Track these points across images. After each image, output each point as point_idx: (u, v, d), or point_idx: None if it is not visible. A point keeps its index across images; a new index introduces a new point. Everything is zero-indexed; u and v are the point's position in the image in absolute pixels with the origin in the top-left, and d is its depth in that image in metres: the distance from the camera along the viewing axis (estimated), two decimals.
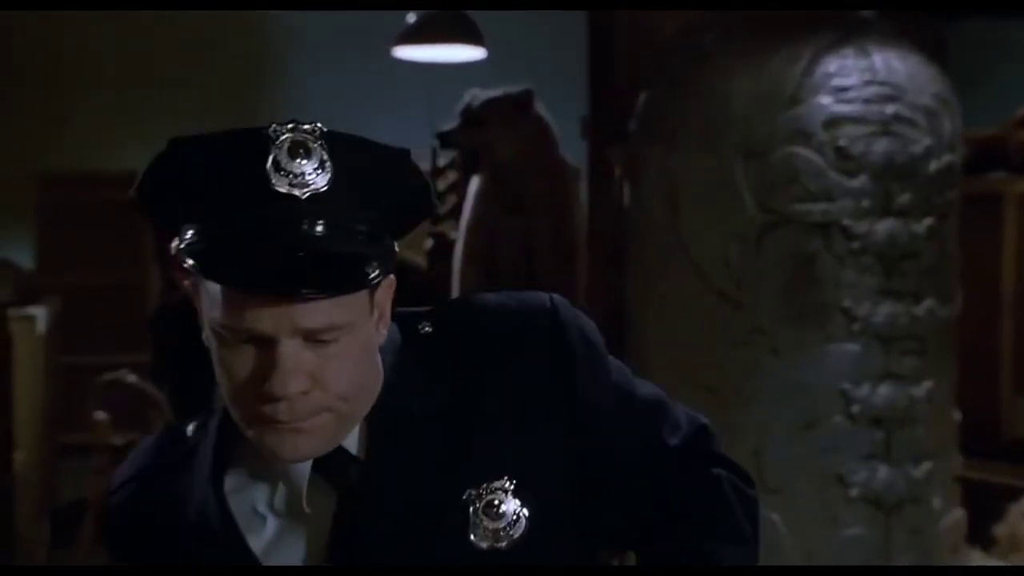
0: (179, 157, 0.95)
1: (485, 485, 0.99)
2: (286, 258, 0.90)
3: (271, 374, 0.93)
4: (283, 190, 0.91)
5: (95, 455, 3.92)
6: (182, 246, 0.94)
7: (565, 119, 3.84)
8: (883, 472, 2.59)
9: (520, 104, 3.84)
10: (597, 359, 1.07)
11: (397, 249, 0.99)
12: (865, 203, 2.57)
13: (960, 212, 2.77)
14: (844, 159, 2.56)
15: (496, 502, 0.99)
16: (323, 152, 0.92)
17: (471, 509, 0.99)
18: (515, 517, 0.99)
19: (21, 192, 5.56)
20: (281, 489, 1.02)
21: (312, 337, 0.93)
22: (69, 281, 5.06)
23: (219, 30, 5.87)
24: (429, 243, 4.39)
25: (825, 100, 2.56)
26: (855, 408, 2.57)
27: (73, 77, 5.96)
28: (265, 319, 0.91)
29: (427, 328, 1.05)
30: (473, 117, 3.78)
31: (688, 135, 2.68)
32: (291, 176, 0.91)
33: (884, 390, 2.58)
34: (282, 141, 0.92)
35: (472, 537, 0.99)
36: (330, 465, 1.00)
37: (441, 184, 4.37)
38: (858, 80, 2.58)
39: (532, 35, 5.62)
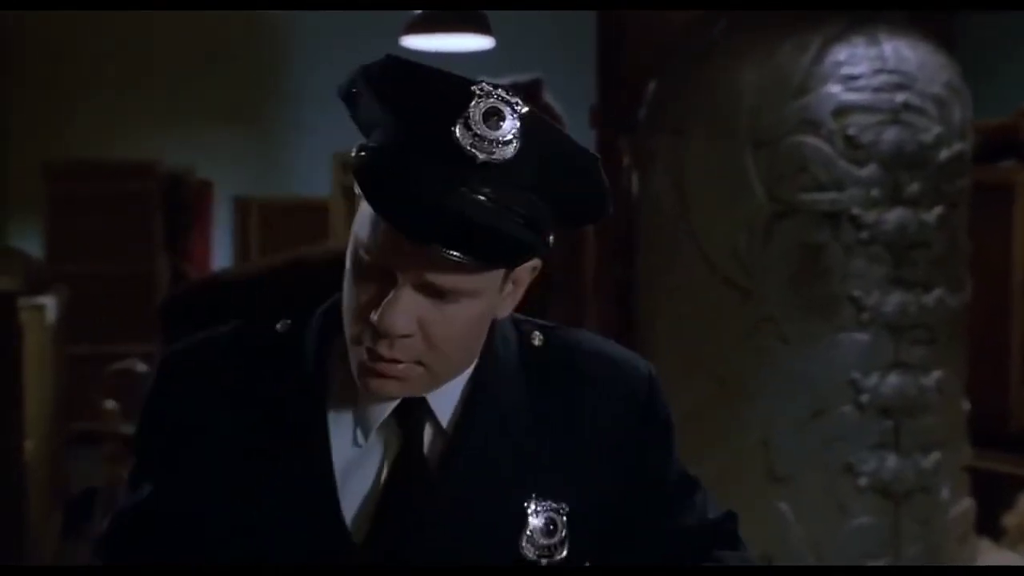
0: (386, 71, 0.96)
1: (549, 502, 1.03)
2: (437, 212, 0.91)
3: (384, 308, 0.94)
4: (464, 146, 0.91)
5: (105, 444, 3.94)
6: (358, 154, 0.96)
7: (574, 108, 3.83)
8: (892, 462, 2.59)
9: (529, 93, 3.84)
10: (671, 437, 1.13)
11: (551, 240, 0.99)
12: (874, 192, 2.56)
13: (970, 201, 2.76)
14: (853, 148, 2.55)
15: (554, 520, 1.03)
16: (516, 127, 0.92)
17: (530, 518, 1.02)
18: (563, 539, 1.03)
19: (30, 182, 5.57)
20: (358, 418, 1.04)
21: (434, 292, 0.95)
22: (78, 271, 5.07)
23: (226, 19, 5.87)
24: None
25: (834, 89, 2.56)
26: (864, 398, 2.57)
27: (82, 67, 5.97)
28: (398, 258, 0.93)
29: (539, 340, 1.09)
30: None
31: (697, 125, 2.67)
32: (476, 138, 0.91)
33: (893, 380, 2.58)
34: (482, 101, 0.92)
35: (522, 544, 1.02)
36: (411, 419, 1.03)
37: None
38: (868, 68, 2.57)
39: (541, 24, 5.61)
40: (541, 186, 0.95)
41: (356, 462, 1.03)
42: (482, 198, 0.92)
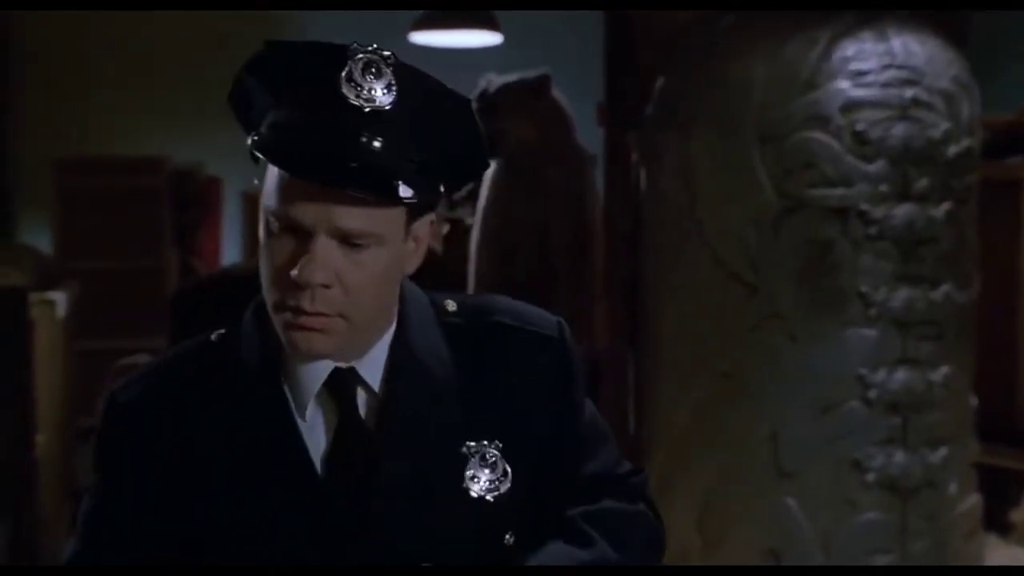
0: (269, 55, 1.06)
1: (483, 442, 1.11)
2: (339, 156, 1.01)
3: (300, 262, 1.02)
4: (351, 99, 1.01)
5: None
6: (257, 137, 1.05)
7: (581, 104, 3.83)
8: (899, 457, 2.59)
9: (536, 89, 3.84)
10: (582, 387, 1.21)
11: (443, 191, 1.09)
12: (883, 188, 2.56)
13: (978, 197, 2.76)
14: (862, 144, 2.55)
15: (491, 456, 1.11)
16: (391, 76, 1.03)
17: (469, 458, 1.11)
18: (503, 473, 1.11)
19: (40, 177, 5.59)
20: (293, 395, 1.10)
21: (346, 239, 1.03)
22: (88, 266, 5.08)
23: (235, 14, 5.88)
24: (445, 228, 4.40)
25: (843, 84, 2.55)
26: (872, 393, 2.57)
27: (90, 64, 5.98)
28: (308, 211, 1.02)
29: (453, 307, 1.17)
30: (489, 103, 3.78)
31: (705, 121, 2.68)
32: (359, 89, 1.02)
33: (901, 375, 2.58)
34: (358, 58, 1.02)
35: (466, 483, 1.10)
36: (341, 385, 1.09)
37: None
38: (876, 64, 2.57)
39: (548, 20, 5.61)
40: (423, 130, 1.04)
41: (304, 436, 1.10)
42: (375, 143, 1.02)
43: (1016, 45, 4.47)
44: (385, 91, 1.02)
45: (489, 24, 4.12)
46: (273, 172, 1.04)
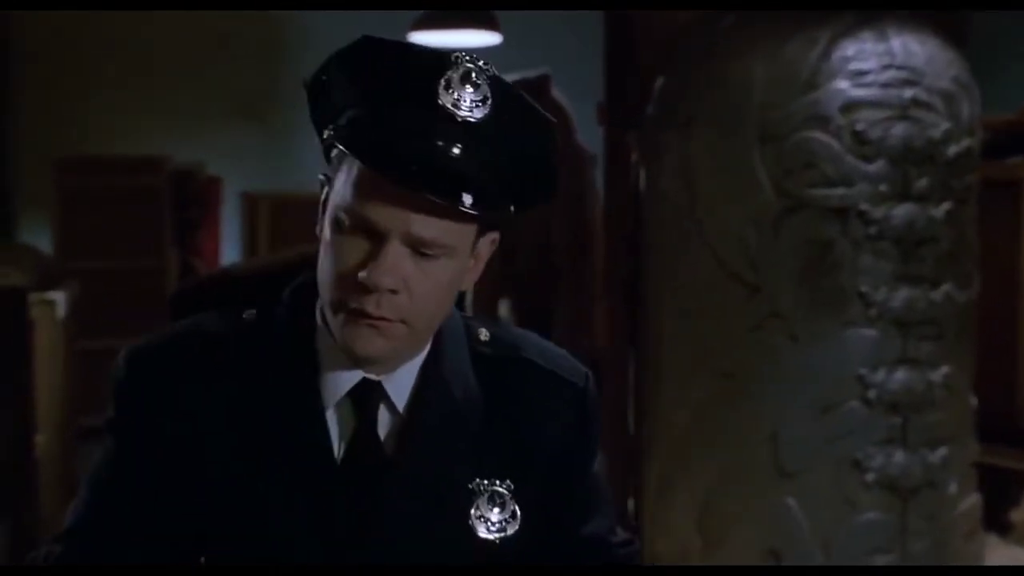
0: (367, 51, 1.04)
1: (494, 480, 1.10)
2: (425, 161, 0.99)
3: (371, 265, 1.01)
4: (446, 107, 1.01)
5: None
6: (337, 126, 1.04)
7: (581, 104, 3.83)
8: (899, 457, 2.59)
9: (536, 89, 3.84)
10: (597, 441, 1.20)
11: (512, 211, 1.07)
12: (883, 188, 2.56)
13: (978, 197, 2.76)
14: (862, 144, 2.55)
15: (499, 498, 1.10)
16: (488, 89, 1.02)
17: (477, 496, 1.09)
18: (511, 516, 1.10)
19: (40, 177, 5.59)
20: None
21: (418, 247, 1.02)
22: (88, 266, 5.08)
23: (235, 15, 5.88)
24: None
25: (842, 84, 2.56)
26: (872, 393, 2.57)
27: (91, 64, 5.98)
28: (385, 213, 1.00)
29: (486, 336, 1.16)
30: None
31: (705, 120, 2.68)
32: (457, 97, 1.01)
33: (901, 375, 2.58)
34: (459, 66, 1.01)
35: (471, 520, 1.09)
36: (365, 397, 1.08)
37: None
38: (876, 64, 2.57)
39: (548, 21, 5.61)
40: (508, 147, 1.04)
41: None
42: (462, 153, 1.01)
43: (1016, 45, 4.47)
44: (480, 103, 1.01)
45: (489, 24, 4.12)
46: (351, 169, 1.02)
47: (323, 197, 1.07)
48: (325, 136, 1.06)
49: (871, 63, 2.57)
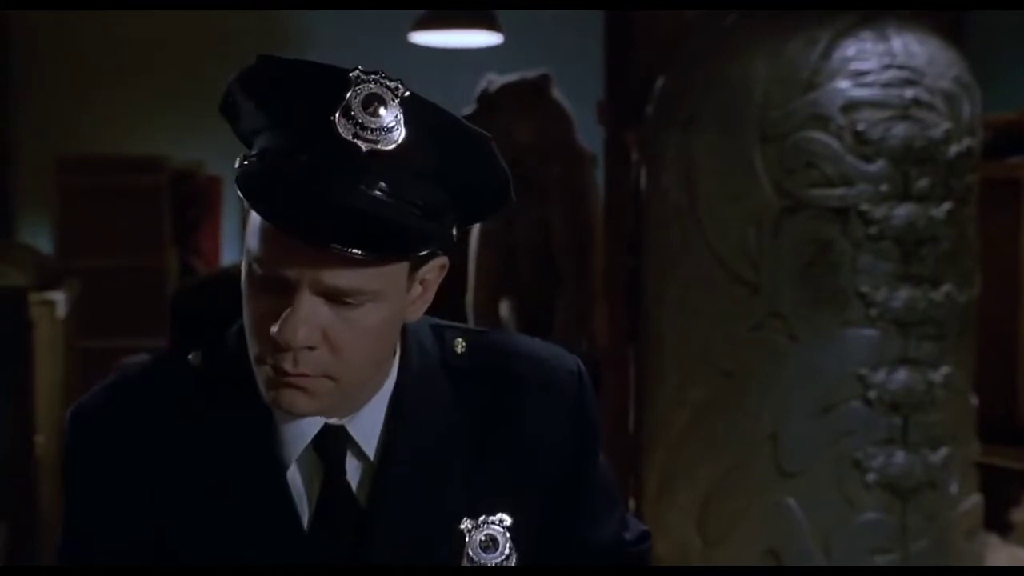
0: (261, 73, 0.92)
1: (484, 518, 0.99)
2: (326, 208, 0.86)
3: (283, 321, 0.89)
4: (347, 137, 0.86)
5: None
6: (241, 164, 0.92)
7: (582, 104, 3.83)
8: (900, 457, 2.59)
9: (537, 89, 3.84)
10: (598, 441, 1.10)
11: (455, 233, 0.95)
12: (883, 188, 2.56)
13: (979, 197, 2.76)
14: (862, 144, 2.55)
15: (493, 537, 0.99)
16: (399, 112, 0.87)
17: (467, 539, 0.99)
18: (507, 554, 0.99)
19: (40, 176, 5.59)
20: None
21: (335, 297, 0.90)
22: (88, 265, 5.08)
23: (235, 18, 5.87)
24: None
25: (843, 84, 2.55)
26: (872, 393, 2.57)
27: (91, 62, 5.98)
28: (291, 264, 0.88)
29: (462, 348, 1.03)
30: (490, 102, 3.78)
31: (705, 120, 2.67)
32: (358, 126, 0.86)
33: (901, 375, 2.58)
34: (360, 88, 0.87)
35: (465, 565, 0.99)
36: (329, 446, 0.98)
37: None
38: (876, 64, 2.57)
39: (548, 20, 5.61)
40: (437, 173, 0.90)
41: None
42: (374, 191, 0.87)
43: (1017, 44, 4.47)
44: (388, 131, 0.87)
45: (489, 24, 4.12)
46: (254, 213, 0.90)
47: (245, 222, 0.97)
48: (236, 164, 0.94)
49: (872, 63, 2.57)
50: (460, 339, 1.04)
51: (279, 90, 0.90)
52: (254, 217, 0.90)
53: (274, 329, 0.89)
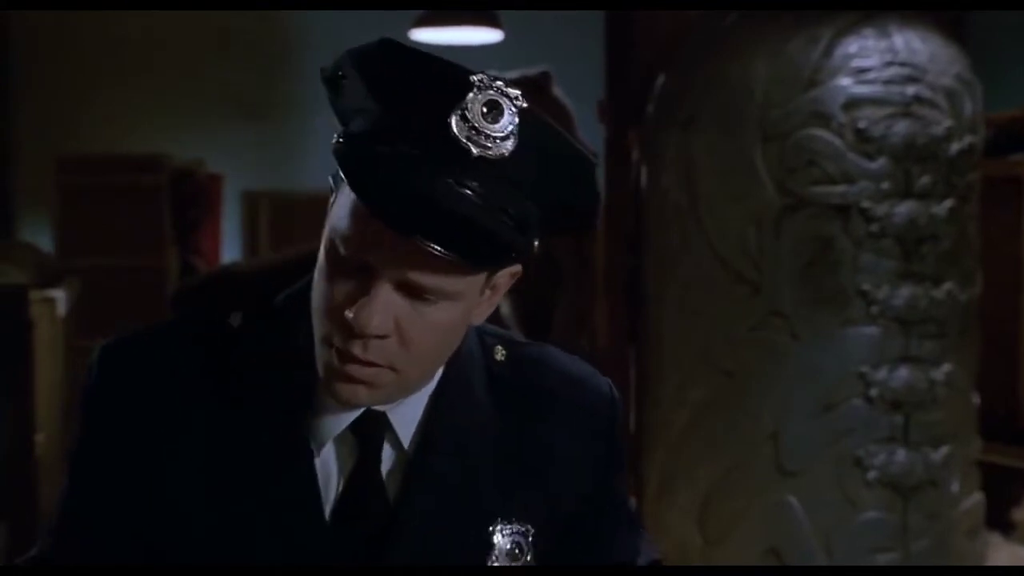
0: (383, 56, 0.90)
1: (512, 527, 1.00)
2: (424, 202, 0.86)
3: (360, 306, 0.89)
4: (460, 138, 0.86)
5: None
6: (340, 139, 0.92)
7: (582, 102, 3.83)
8: (901, 455, 2.59)
9: (537, 86, 3.83)
10: (622, 468, 1.11)
11: (537, 245, 0.94)
12: (885, 185, 2.55)
13: (980, 195, 2.75)
14: (864, 141, 2.55)
15: (520, 543, 1.00)
16: (514, 123, 0.87)
17: (495, 543, 0.99)
18: (528, 563, 1.00)
19: (41, 175, 5.59)
20: (313, 428, 0.98)
21: (414, 292, 0.90)
22: (89, 264, 5.08)
23: (236, 16, 5.87)
24: None
25: (845, 82, 2.55)
26: (873, 391, 2.56)
27: (91, 61, 5.98)
28: (379, 252, 0.88)
29: (501, 355, 1.04)
30: None
31: (706, 118, 2.67)
32: (473, 130, 0.86)
33: (903, 373, 2.58)
34: (481, 93, 0.87)
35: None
36: (368, 432, 0.97)
37: None
38: (878, 61, 2.56)
39: (549, 18, 5.60)
40: (535, 188, 0.90)
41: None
42: (472, 194, 0.87)
43: (1019, 42, 4.46)
44: (502, 140, 0.86)
45: (490, 21, 4.12)
46: (349, 192, 0.89)
47: (331, 200, 0.95)
48: (332, 143, 0.92)
49: (873, 60, 2.56)
50: (500, 346, 1.05)
51: (397, 77, 0.89)
52: (346, 196, 0.90)
53: (349, 314, 0.89)
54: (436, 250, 0.86)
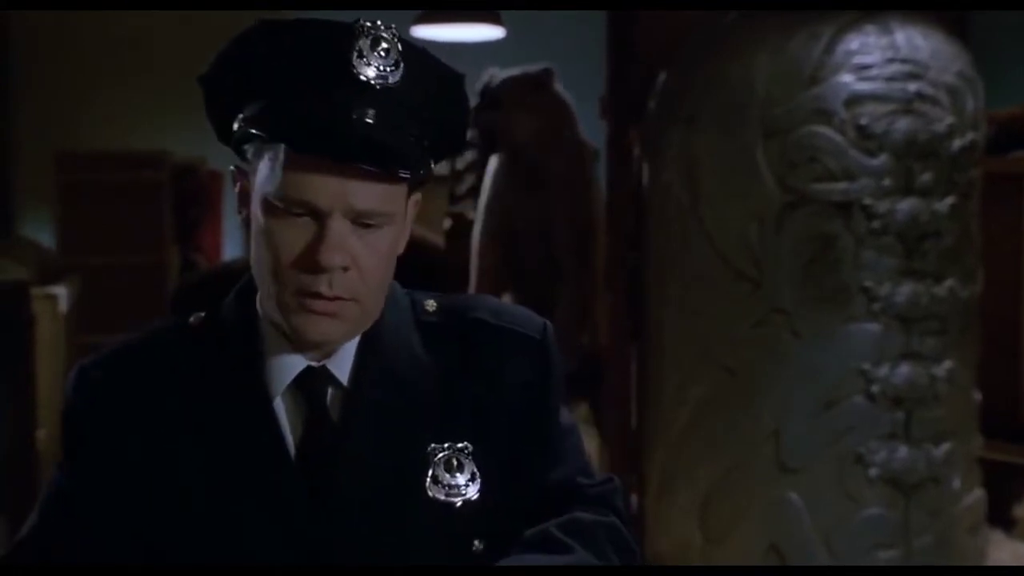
0: (265, 34, 1.04)
1: (450, 444, 1.08)
2: (353, 133, 0.99)
3: (319, 247, 1.00)
4: (363, 76, 1.00)
5: None
6: (249, 115, 1.03)
7: (584, 99, 3.82)
8: (903, 452, 2.59)
9: (539, 83, 3.83)
10: (561, 391, 1.17)
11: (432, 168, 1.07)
12: (886, 182, 2.55)
13: (982, 192, 2.75)
14: (865, 138, 2.54)
15: (456, 461, 1.08)
16: (398, 54, 1.02)
17: (433, 461, 1.07)
18: (471, 478, 1.07)
19: (42, 172, 5.59)
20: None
21: (359, 219, 1.02)
22: (90, 261, 5.09)
23: (235, 18, 5.88)
24: (448, 223, 4.40)
25: (846, 78, 2.55)
26: (875, 388, 2.56)
27: (92, 58, 5.98)
28: (323, 193, 1.00)
29: (432, 307, 1.14)
30: (492, 97, 3.77)
31: (708, 115, 2.67)
32: (371, 66, 1.00)
33: (904, 370, 2.58)
34: (367, 34, 1.01)
35: (428, 487, 1.07)
36: (312, 382, 1.07)
37: (460, 164, 4.38)
38: (880, 58, 2.56)
39: (551, 15, 5.60)
40: (423, 106, 1.04)
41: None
42: (387, 119, 1.01)
43: (1020, 39, 4.46)
44: (393, 68, 1.01)
45: (491, 18, 4.11)
46: (277, 155, 1.01)
47: (237, 189, 1.07)
48: (235, 128, 1.04)
49: (875, 57, 2.56)
50: (431, 300, 1.15)
51: (285, 48, 1.02)
52: (274, 158, 1.01)
53: (313, 257, 1.00)
54: (369, 167, 0.99)
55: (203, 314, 1.12)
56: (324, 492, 1.05)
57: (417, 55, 1.03)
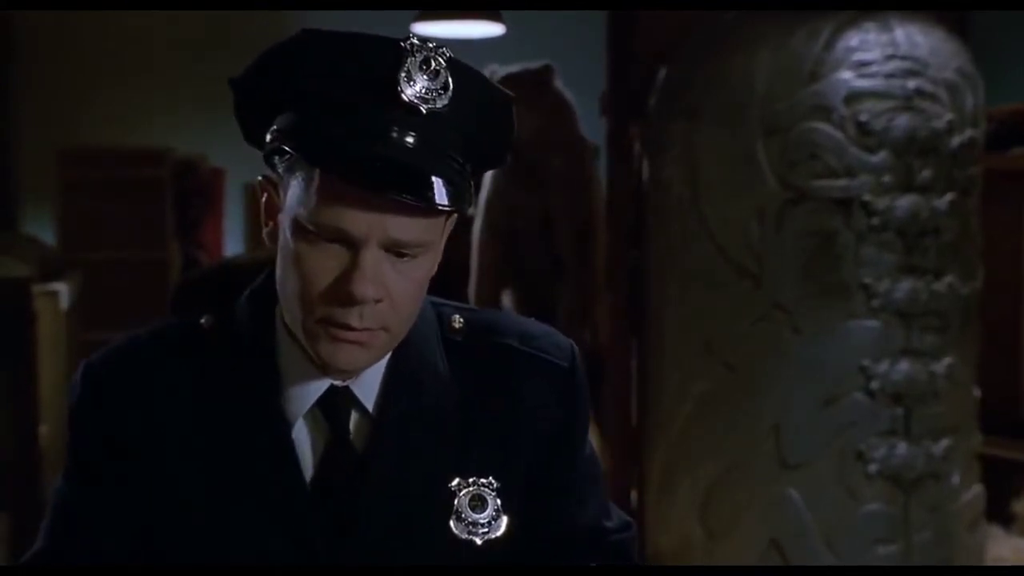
0: (309, 44, 0.96)
1: (474, 479, 1.04)
2: (395, 162, 0.93)
3: (352, 277, 0.94)
4: (408, 99, 0.93)
5: None
6: (282, 128, 0.96)
7: (584, 96, 3.82)
8: (902, 449, 2.59)
9: (539, 80, 3.83)
10: (587, 419, 1.13)
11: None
12: (886, 179, 2.55)
13: (982, 189, 2.75)
14: (865, 135, 2.55)
15: (482, 497, 1.03)
16: (448, 76, 0.95)
17: (456, 496, 1.03)
18: (495, 515, 1.03)
19: (43, 169, 5.59)
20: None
21: (395, 249, 0.96)
22: (91, 257, 5.09)
23: (235, 17, 5.87)
24: None
25: (846, 75, 2.55)
26: (875, 384, 2.57)
27: (93, 54, 5.98)
28: (359, 222, 0.93)
29: (459, 323, 1.09)
30: None
31: (708, 111, 2.67)
32: (419, 88, 0.94)
33: (904, 367, 2.58)
34: (416, 54, 0.94)
35: (452, 524, 1.03)
36: (335, 405, 1.03)
37: None
38: (880, 54, 2.56)
39: (551, 11, 5.60)
40: (470, 131, 0.98)
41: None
42: (430, 146, 0.94)
43: (1020, 36, 4.46)
44: (441, 92, 0.94)
45: (492, 15, 4.11)
46: (311, 176, 0.94)
47: (264, 200, 1.01)
48: (267, 139, 0.98)
49: (875, 53, 2.56)
50: (457, 315, 1.10)
51: (328, 62, 0.95)
52: (306, 178, 0.95)
53: (345, 288, 0.94)
54: (408, 199, 0.92)
55: (214, 317, 1.06)
56: (343, 526, 1.01)
57: (468, 78, 0.96)
